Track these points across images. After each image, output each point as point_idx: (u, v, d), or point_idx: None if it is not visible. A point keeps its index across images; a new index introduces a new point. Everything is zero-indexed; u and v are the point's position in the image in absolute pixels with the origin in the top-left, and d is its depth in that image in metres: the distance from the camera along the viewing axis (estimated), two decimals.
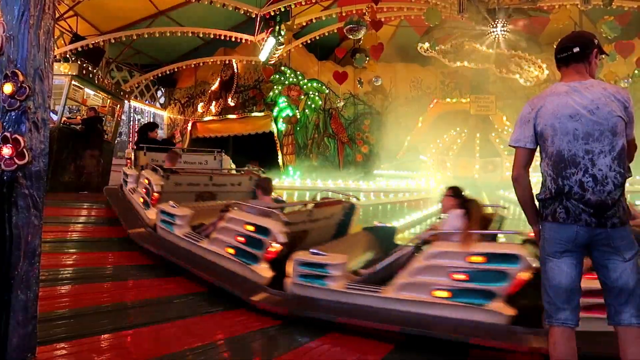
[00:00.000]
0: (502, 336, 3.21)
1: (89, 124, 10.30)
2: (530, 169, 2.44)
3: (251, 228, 4.43)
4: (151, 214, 5.95)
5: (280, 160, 15.31)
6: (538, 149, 2.43)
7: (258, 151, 14.75)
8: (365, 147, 16.15)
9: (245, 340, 3.34)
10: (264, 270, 4.30)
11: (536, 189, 2.43)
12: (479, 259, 3.46)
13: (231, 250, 4.57)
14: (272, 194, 5.54)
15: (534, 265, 3.30)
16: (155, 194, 6.09)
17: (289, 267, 4.07)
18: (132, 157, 7.98)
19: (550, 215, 2.30)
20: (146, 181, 6.40)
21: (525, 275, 3.37)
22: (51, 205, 6.17)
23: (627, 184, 2.29)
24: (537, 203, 2.43)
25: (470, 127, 14.91)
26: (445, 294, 3.50)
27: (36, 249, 2.47)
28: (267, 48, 11.99)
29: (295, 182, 13.93)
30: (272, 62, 13.25)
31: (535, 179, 2.38)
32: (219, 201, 6.52)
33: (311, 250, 4.08)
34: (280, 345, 3.35)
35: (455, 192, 4.31)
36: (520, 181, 2.42)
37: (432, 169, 14.71)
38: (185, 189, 6.63)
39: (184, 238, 5.14)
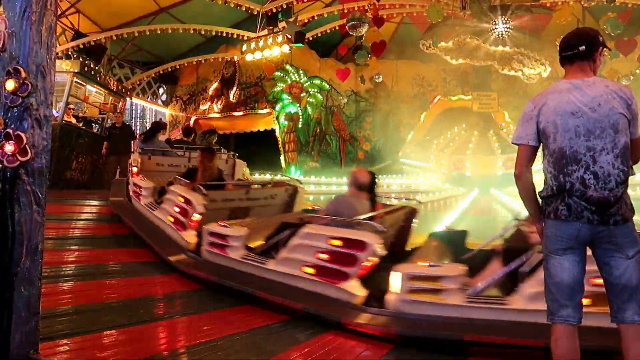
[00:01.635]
0: None
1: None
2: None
3: (339, 242, 3.93)
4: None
5: (282, 158, 15.30)
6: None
7: (260, 148, 14.74)
8: (367, 145, 16.14)
9: (250, 336, 3.34)
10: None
11: (539, 187, 2.43)
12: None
13: (311, 270, 4.03)
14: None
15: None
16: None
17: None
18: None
19: (552, 212, 2.30)
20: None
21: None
22: (53, 202, 6.18)
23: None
24: (539, 200, 2.43)
25: (472, 124, 14.88)
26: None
27: (39, 245, 2.47)
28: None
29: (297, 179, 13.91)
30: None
31: (538, 176, 2.38)
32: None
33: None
34: (282, 343, 3.35)
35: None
36: (522, 178, 2.41)
37: (436, 168, 14.69)
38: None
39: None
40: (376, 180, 4.92)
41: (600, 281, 2.35)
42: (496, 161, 13.63)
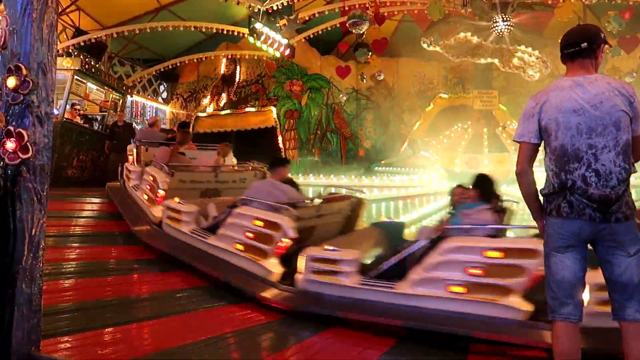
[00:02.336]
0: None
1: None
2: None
3: (260, 223, 4.41)
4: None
5: (282, 155, 15.30)
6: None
7: (260, 146, 14.73)
8: (367, 142, 16.13)
9: (249, 334, 3.35)
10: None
11: (540, 185, 2.43)
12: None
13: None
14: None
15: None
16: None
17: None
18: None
19: (554, 210, 2.30)
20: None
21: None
22: (54, 199, 6.18)
23: (632, 179, 2.28)
24: (541, 198, 2.42)
25: (473, 122, 14.86)
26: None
27: (40, 242, 2.47)
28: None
29: (299, 177, 13.92)
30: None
31: (540, 174, 2.37)
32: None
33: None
34: (283, 340, 3.35)
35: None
36: (524, 176, 2.41)
37: (437, 164, 14.68)
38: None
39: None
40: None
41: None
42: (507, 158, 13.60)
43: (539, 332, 3.10)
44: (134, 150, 7.82)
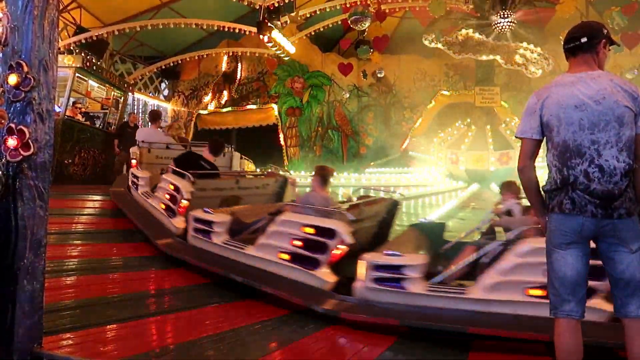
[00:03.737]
0: None
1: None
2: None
3: (311, 230, 4.09)
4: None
5: (283, 153, 15.30)
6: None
7: (262, 144, 14.74)
8: (369, 140, 16.11)
9: (251, 331, 3.35)
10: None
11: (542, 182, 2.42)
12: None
13: (286, 256, 4.19)
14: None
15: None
16: (184, 202, 5.44)
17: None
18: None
19: (556, 206, 2.29)
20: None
21: None
22: (56, 197, 6.18)
23: None
24: (543, 195, 2.42)
25: (475, 119, 14.83)
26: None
27: (42, 240, 2.48)
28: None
29: (300, 174, 13.93)
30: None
31: (542, 171, 2.37)
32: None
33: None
34: (285, 336, 3.35)
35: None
36: (526, 172, 2.41)
37: (438, 162, 14.67)
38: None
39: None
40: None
41: None
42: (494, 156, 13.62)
43: None
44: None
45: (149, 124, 9.06)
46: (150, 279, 4.51)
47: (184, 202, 5.42)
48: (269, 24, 11.14)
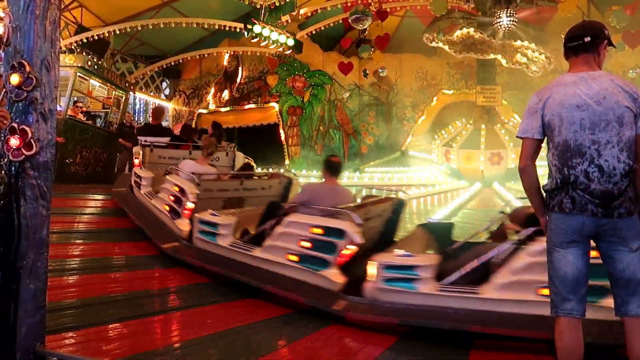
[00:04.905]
0: None
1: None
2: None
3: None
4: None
5: (285, 152, 15.30)
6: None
7: (263, 143, 14.74)
8: (370, 139, 16.11)
9: (253, 330, 3.36)
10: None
11: (543, 181, 2.43)
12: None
13: (294, 257, 4.15)
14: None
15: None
16: (190, 205, 5.36)
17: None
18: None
19: (556, 205, 2.30)
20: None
21: None
22: (57, 196, 6.20)
23: None
24: (544, 194, 2.42)
25: (476, 118, 14.82)
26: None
27: (44, 239, 2.49)
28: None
29: (302, 173, 13.94)
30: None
31: (542, 170, 2.37)
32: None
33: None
34: (287, 335, 3.36)
35: None
36: (527, 172, 2.42)
37: (438, 161, 14.67)
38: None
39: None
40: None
41: None
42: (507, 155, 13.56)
43: None
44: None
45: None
46: (152, 278, 4.52)
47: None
48: (253, 20, 10.91)
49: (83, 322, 3.05)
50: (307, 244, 4.06)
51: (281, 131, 15.25)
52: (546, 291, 3.04)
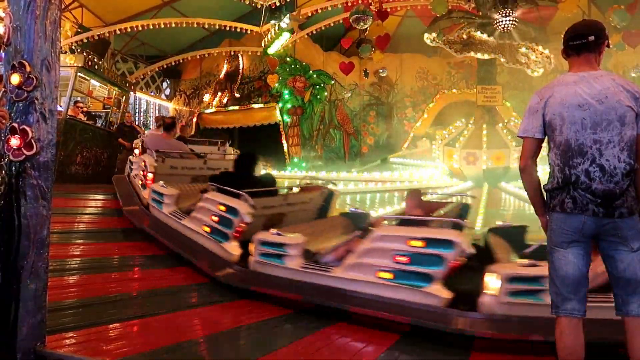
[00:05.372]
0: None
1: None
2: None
3: (223, 208, 4.78)
4: (232, 248, 4.83)
5: (285, 152, 15.30)
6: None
7: (264, 143, 14.74)
8: (370, 139, 16.11)
9: (252, 329, 3.36)
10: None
11: (543, 181, 2.42)
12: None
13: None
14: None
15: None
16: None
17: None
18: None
19: (558, 205, 2.30)
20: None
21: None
22: (58, 196, 6.20)
23: None
24: (544, 194, 2.42)
25: (477, 118, 14.80)
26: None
27: (45, 239, 2.49)
28: (280, 42, 11.97)
29: (302, 173, 13.91)
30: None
31: (542, 170, 2.37)
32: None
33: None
34: (287, 335, 3.36)
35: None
36: (528, 171, 2.41)
37: (439, 160, 14.64)
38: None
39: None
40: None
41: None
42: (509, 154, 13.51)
43: None
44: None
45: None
46: (152, 278, 4.51)
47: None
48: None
49: (84, 322, 3.04)
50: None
51: (281, 131, 15.25)
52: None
